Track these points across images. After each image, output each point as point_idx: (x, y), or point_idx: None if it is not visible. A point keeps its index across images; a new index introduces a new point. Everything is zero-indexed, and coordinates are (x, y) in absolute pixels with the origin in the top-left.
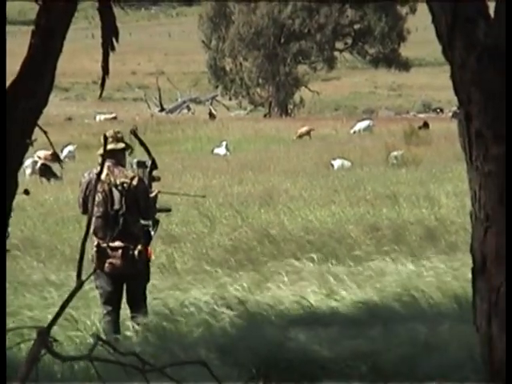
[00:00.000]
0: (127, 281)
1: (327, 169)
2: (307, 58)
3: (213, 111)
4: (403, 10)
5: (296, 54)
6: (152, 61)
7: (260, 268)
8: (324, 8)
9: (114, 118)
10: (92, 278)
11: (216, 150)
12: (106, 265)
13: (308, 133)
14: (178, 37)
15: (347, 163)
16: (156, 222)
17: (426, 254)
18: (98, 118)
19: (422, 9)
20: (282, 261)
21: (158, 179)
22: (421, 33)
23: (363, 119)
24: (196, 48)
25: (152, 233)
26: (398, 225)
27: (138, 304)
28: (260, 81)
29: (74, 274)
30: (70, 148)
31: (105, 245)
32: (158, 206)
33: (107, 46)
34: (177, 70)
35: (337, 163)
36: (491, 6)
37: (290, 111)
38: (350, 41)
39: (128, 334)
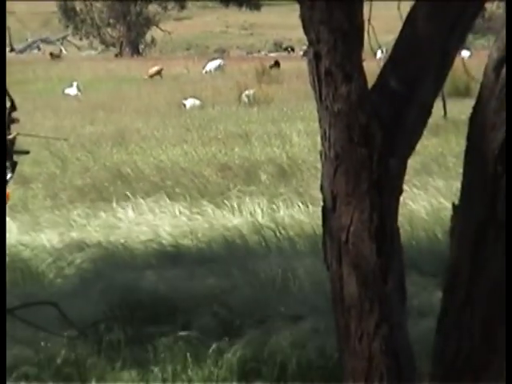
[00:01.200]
0: None
1: (179, 108)
2: None
3: (55, 52)
4: None
5: None
6: None
7: (112, 208)
8: None
9: None
10: None
11: (67, 91)
12: None
13: (159, 72)
14: None
15: (199, 102)
16: (14, 164)
17: (279, 191)
18: None
19: None
20: (134, 200)
21: (18, 121)
22: None
23: (214, 59)
24: None
25: (9, 175)
26: (250, 163)
27: None
28: (111, 21)
29: None
30: None
31: None
32: (15, 148)
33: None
34: (27, 9)
35: (189, 102)
36: None
37: (141, 51)
38: None
39: None
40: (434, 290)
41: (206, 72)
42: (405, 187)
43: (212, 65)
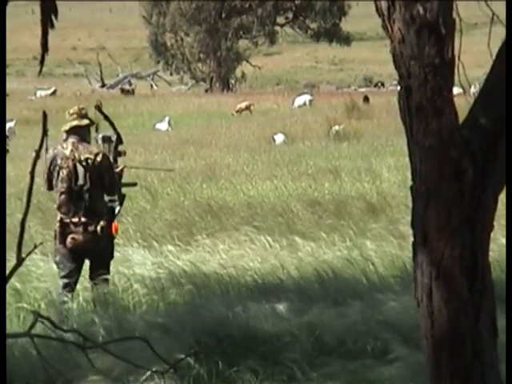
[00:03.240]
0: (90, 257)
1: (269, 143)
2: (248, 32)
3: (126, 88)
4: None
5: (237, 28)
6: (93, 36)
7: (202, 243)
8: None
9: (54, 92)
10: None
11: (158, 126)
12: (68, 240)
13: (248, 108)
14: (118, 12)
15: (288, 137)
16: (122, 197)
17: (368, 227)
18: (38, 93)
19: None
20: (224, 234)
21: (124, 154)
22: (362, 7)
23: (302, 93)
24: (137, 23)
25: (118, 208)
26: (340, 199)
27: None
28: (201, 56)
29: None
30: (10, 124)
31: (68, 220)
32: (123, 180)
33: (46, 23)
34: (118, 45)
35: (278, 138)
36: None
37: (231, 86)
38: (291, 15)
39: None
40: None
41: (294, 107)
42: (495, 223)
43: (300, 100)
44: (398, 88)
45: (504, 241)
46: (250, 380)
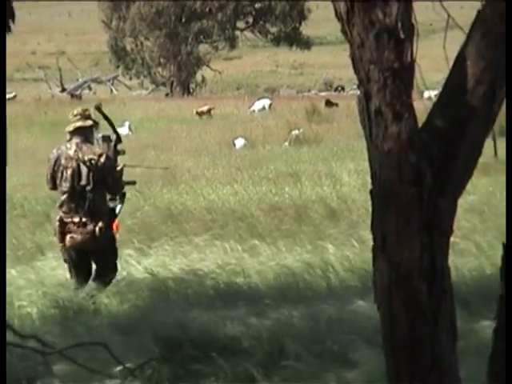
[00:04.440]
0: (93, 256)
1: (229, 148)
2: (209, 37)
3: (75, 93)
4: None
5: (197, 33)
6: (52, 41)
7: (162, 247)
8: None
9: (14, 97)
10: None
11: (118, 130)
12: (67, 238)
13: (208, 111)
14: (78, 16)
15: (248, 142)
16: (123, 195)
17: (329, 231)
18: None
19: None
20: (184, 240)
21: (123, 153)
22: (322, 11)
23: (261, 98)
24: (97, 28)
25: (118, 207)
26: (300, 203)
27: (104, 279)
28: (161, 60)
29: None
30: None
31: (68, 219)
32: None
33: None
34: (77, 50)
35: (238, 142)
36: None
37: (191, 90)
38: (251, 19)
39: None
40: (484, 329)
41: (252, 111)
42: (454, 226)
43: (259, 104)
44: (358, 92)
45: (463, 245)
46: None
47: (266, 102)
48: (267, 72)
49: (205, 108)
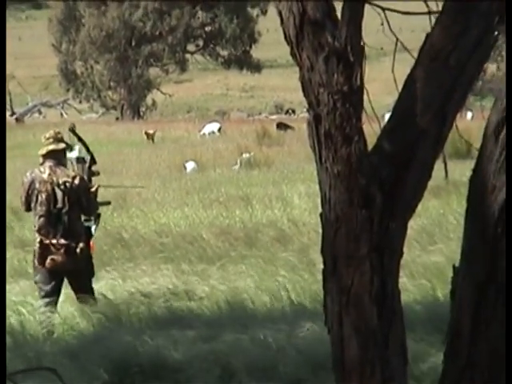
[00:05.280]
0: (70, 277)
1: (180, 171)
2: (159, 60)
3: (19, 117)
4: (254, 12)
5: (147, 56)
6: None
7: (113, 271)
8: (175, 10)
9: None
10: None
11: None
12: (48, 261)
13: (152, 135)
14: (28, 40)
15: (199, 165)
16: (98, 216)
17: (279, 255)
18: None
19: (273, 10)
20: (135, 263)
21: (98, 174)
22: (272, 34)
23: (211, 121)
24: (47, 52)
25: (94, 227)
26: (251, 226)
27: (86, 298)
28: (111, 84)
29: None
30: None
31: (47, 241)
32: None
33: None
34: (27, 73)
35: (189, 165)
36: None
37: (142, 114)
38: (201, 43)
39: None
40: (435, 353)
41: (202, 134)
42: (405, 249)
43: (209, 128)
44: (308, 115)
45: (413, 268)
46: None
47: (215, 126)
48: (218, 95)
49: (150, 131)
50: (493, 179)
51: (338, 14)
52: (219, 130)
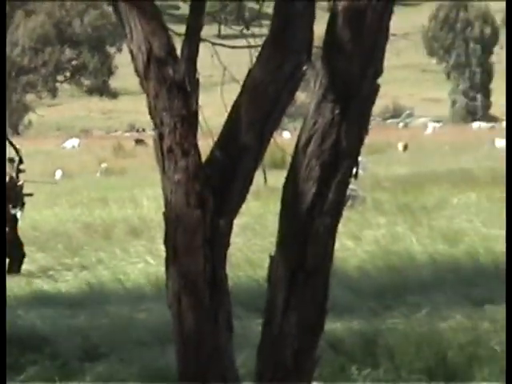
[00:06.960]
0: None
1: (51, 178)
2: (34, 88)
3: None
4: (112, 50)
5: (25, 85)
6: None
7: None
8: (48, 48)
9: None
10: None
11: None
12: None
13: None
14: None
15: (66, 173)
16: (22, 205)
17: (131, 246)
18: None
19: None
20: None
21: (24, 171)
22: (126, 67)
23: (72, 137)
24: None
25: (19, 213)
26: (108, 222)
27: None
28: None
29: None
30: None
31: None
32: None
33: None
34: None
35: (58, 173)
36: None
37: (20, 132)
38: (68, 74)
39: None
40: (257, 326)
41: (64, 147)
42: (230, 242)
43: (70, 143)
44: (154, 133)
45: (239, 257)
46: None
47: (75, 142)
48: (82, 116)
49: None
50: (302, 184)
51: (178, 52)
52: (78, 144)
